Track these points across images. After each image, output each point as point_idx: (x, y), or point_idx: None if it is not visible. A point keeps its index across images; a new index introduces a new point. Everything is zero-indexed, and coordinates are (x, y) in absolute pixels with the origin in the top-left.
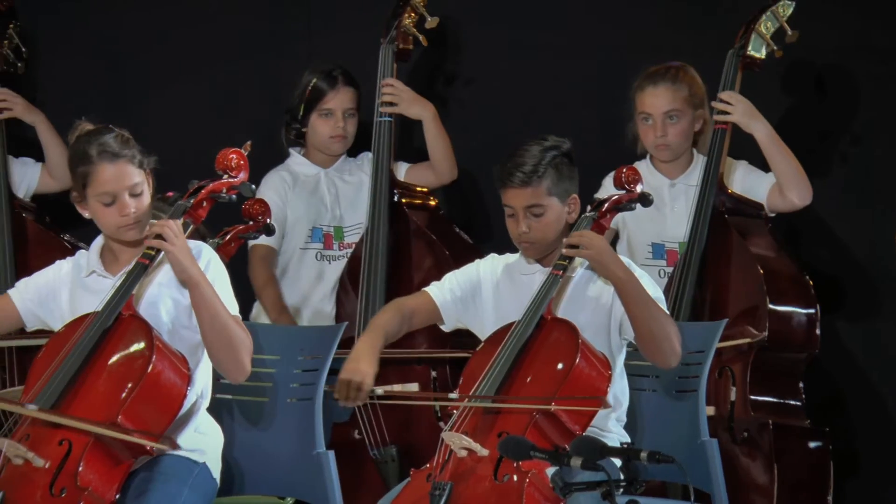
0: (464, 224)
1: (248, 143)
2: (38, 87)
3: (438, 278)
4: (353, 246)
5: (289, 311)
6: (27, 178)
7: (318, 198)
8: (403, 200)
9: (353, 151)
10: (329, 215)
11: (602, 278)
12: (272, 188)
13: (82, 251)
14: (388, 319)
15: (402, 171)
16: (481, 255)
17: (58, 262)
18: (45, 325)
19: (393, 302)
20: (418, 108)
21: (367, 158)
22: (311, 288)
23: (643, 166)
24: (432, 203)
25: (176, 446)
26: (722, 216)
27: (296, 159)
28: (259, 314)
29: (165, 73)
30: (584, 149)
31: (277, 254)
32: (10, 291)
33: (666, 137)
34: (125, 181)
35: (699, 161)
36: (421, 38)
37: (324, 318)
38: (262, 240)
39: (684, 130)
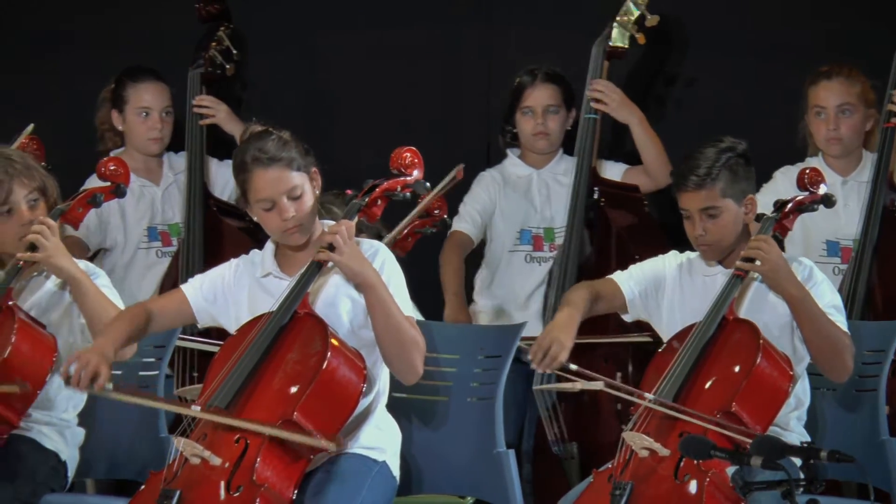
0: (675, 225)
1: (460, 167)
2: (247, 88)
3: None
4: None
5: (462, 296)
6: (231, 181)
7: (529, 199)
8: (604, 199)
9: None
10: (539, 217)
11: None
12: (482, 185)
13: (255, 251)
14: (583, 296)
15: (618, 171)
16: None
17: (231, 260)
18: (217, 323)
19: (583, 283)
20: (626, 113)
21: None
22: (521, 289)
23: (815, 164)
24: (637, 202)
25: (342, 445)
26: (893, 214)
27: (511, 160)
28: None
29: (356, 73)
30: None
31: (473, 243)
32: (184, 287)
33: (838, 131)
34: (281, 186)
35: (869, 159)
36: (638, 36)
37: (533, 317)
38: (461, 226)
39: (856, 126)
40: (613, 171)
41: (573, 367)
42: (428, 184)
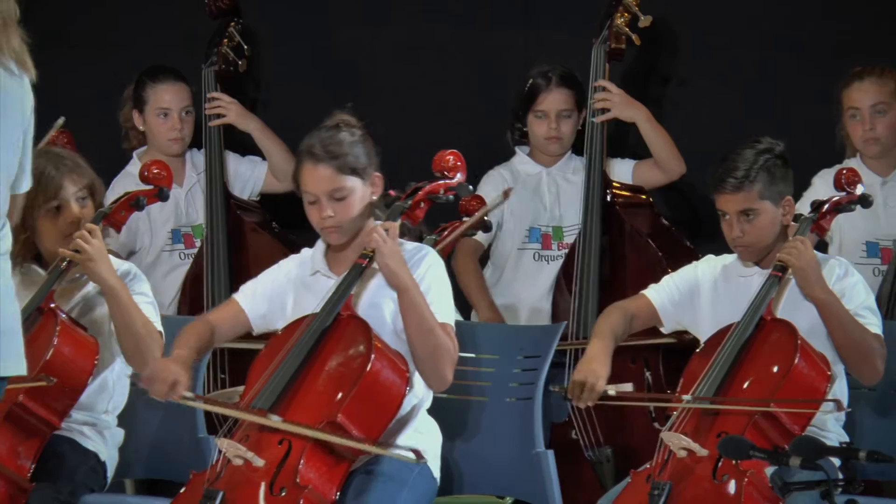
0: (683, 225)
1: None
2: (261, 86)
3: (651, 279)
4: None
5: (491, 299)
6: (253, 176)
7: (538, 197)
8: (617, 201)
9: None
10: (548, 215)
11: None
12: (491, 184)
13: (307, 249)
14: (614, 322)
15: (627, 167)
16: (697, 257)
17: (282, 262)
18: (271, 329)
19: (613, 306)
20: (631, 111)
21: None
22: (529, 288)
23: (853, 165)
24: (647, 203)
25: (389, 447)
26: None
27: (520, 158)
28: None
29: (385, 72)
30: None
31: (484, 248)
32: (237, 297)
33: (875, 131)
34: (323, 185)
35: None
36: (634, 37)
37: (541, 317)
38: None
39: (892, 124)
40: (622, 167)
41: (612, 392)
42: (471, 186)
